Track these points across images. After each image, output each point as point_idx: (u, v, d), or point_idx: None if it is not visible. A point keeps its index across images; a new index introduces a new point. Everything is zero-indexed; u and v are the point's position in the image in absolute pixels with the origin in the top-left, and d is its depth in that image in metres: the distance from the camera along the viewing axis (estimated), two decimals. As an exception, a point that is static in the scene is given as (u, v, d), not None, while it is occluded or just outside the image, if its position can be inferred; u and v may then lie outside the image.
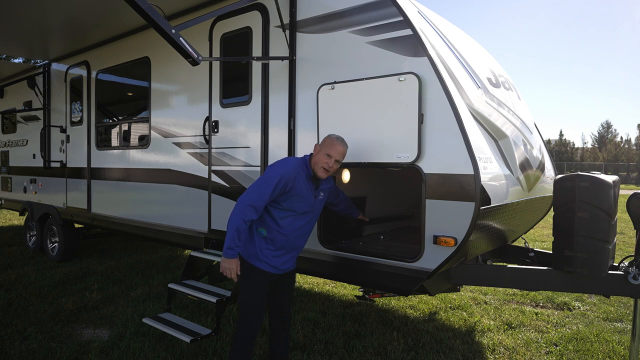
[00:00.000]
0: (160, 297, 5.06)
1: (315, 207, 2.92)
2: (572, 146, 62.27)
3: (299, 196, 2.78)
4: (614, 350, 3.84)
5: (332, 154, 2.80)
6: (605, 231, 2.90)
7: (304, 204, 2.82)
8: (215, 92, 4.36)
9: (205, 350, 3.69)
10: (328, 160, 2.80)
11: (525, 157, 3.71)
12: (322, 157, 2.81)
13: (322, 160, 2.80)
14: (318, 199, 2.92)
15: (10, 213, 12.52)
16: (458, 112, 2.82)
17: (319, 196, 2.92)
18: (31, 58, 12.16)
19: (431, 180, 2.92)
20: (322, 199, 2.97)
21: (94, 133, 6.11)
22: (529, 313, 4.76)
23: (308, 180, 2.84)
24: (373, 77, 3.17)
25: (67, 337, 4.01)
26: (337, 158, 2.83)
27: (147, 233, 5.28)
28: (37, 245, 7.44)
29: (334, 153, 2.81)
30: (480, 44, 4.58)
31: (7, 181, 8.56)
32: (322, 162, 2.80)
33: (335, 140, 2.86)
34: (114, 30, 5.52)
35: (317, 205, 2.94)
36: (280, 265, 2.88)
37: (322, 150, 2.83)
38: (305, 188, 2.80)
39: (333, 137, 2.88)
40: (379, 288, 3.56)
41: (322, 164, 2.80)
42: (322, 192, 2.96)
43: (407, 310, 4.81)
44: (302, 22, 3.66)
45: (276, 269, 2.87)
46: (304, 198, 2.80)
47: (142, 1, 2.89)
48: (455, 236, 2.82)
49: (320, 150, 2.85)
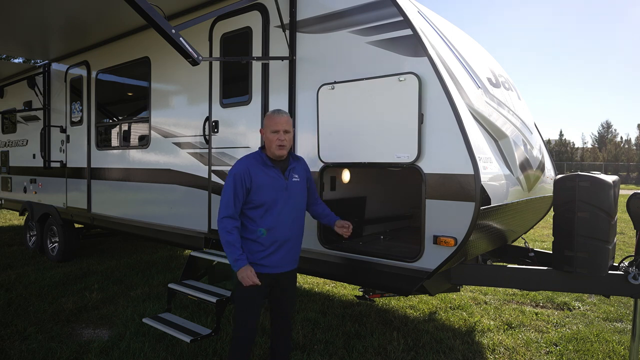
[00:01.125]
0: (160, 297, 5.06)
1: (290, 189, 2.80)
2: (572, 146, 62.29)
3: (264, 185, 2.72)
4: (614, 350, 3.84)
5: (277, 128, 2.73)
6: (605, 231, 2.90)
7: (273, 190, 2.74)
8: (215, 92, 4.36)
9: (205, 350, 3.69)
10: (277, 136, 2.74)
11: (525, 157, 3.71)
12: (270, 136, 2.75)
13: (272, 138, 2.75)
14: (292, 180, 2.82)
15: (10, 213, 12.52)
16: (458, 112, 2.82)
17: (292, 178, 2.82)
18: (31, 58, 12.16)
19: (431, 180, 2.92)
20: (299, 181, 2.86)
21: (94, 133, 6.11)
22: (529, 313, 4.76)
23: (267, 167, 2.77)
24: (373, 77, 3.17)
25: (67, 337, 4.01)
26: (283, 129, 2.75)
27: (147, 233, 5.28)
28: (37, 245, 7.44)
29: (278, 126, 2.74)
30: (481, 44, 4.58)
31: (7, 181, 8.56)
32: (273, 140, 2.74)
33: (272, 114, 2.80)
34: (114, 30, 5.52)
35: (293, 187, 2.82)
36: (276, 264, 2.79)
37: (267, 130, 2.78)
38: (266, 175, 2.75)
39: (269, 113, 2.82)
40: (379, 288, 3.56)
41: (274, 142, 2.74)
42: (297, 174, 2.86)
43: (407, 310, 4.81)
44: (302, 22, 3.67)
45: (272, 268, 2.78)
46: (270, 185, 2.74)
47: (142, 1, 2.89)
48: (455, 236, 2.82)
49: (265, 131, 2.80)
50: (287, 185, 2.79)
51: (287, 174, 2.82)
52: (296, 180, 2.85)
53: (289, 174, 2.82)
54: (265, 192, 2.73)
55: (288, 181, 2.81)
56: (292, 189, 2.82)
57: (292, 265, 2.92)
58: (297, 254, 2.94)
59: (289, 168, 2.84)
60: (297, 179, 2.86)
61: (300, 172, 2.90)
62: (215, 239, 4.40)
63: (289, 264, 2.88)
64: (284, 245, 2.81)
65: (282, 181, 2.78)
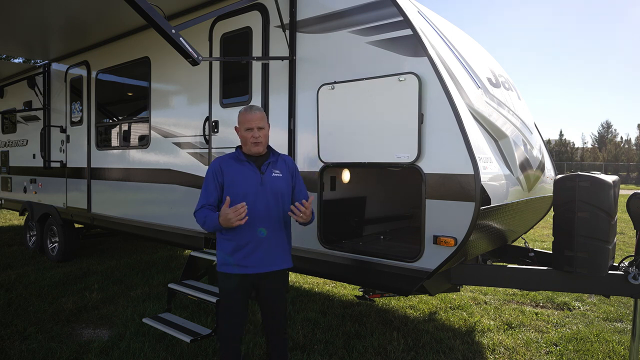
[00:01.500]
0: (160, 297, 5.06)
1: (268, 184, 2.70)
2: (572, 146, 62.29)
3: (236, 180, 2.69)
4: (614, 350, 3.84)
5: (251, 125, 2.69)
6: (605, 231, 2.90)
7: (246, 183, 2.68)
8: (215, 92, 4.36)
9: (205, 350, 3.69)
10: (252, 133, 2.69)
11: (525, 157, 3.71)
12: (245, 134, 2.71)
13: (247, 136, 2.70)
14: (270, 175, 2.72)
15: (10, 213, 12.52)
16: (458, 112, 2.83)
17: (270, 172, 2.73)
18: (31, 58, 12.16)
19: (431, 180, 2.92)
20: (280, 176, 2.75)
21: (94, 133, 6.11)
22: (529, 313, 4.76)
23: (241, 162, 2.73)
24: (373, 77, 3.17)
25: (67, 337, 4.01)
26: (257, 125, 2.69)
27: (147, 233, 5.28)
28: (37, 245, 7.44)
29: (252, 123, 2.69)
30: (480, 44, 4.58)
31: (7, 181, 8.56)
32: (248, 137, 2.70)
33: (245, 112, 2.73)
34: (114, 30, 5.53)
35: (272, 182, 2.71)
36: (255, 264, 2.67)
37: (241, 129, 2.74)
38: (239, 170, 2.71)
39: (242, 110, 2.76)
40: (379, 288, 3.56)
41: (249, 140, 2.70)
42: (277, 170, 2.76)
43: (407, 310, 4.81)
44: (302, 22, 3.67)
45: (251, 268, 2.67)
46: (243, 179, 2.69)
47: (142, 1, 2.89)
48: (455, 236, 2.82)
49: (240, 129, 2.75)
50: (262, 180, 2.70)
51: (263, 168, 2.73)
52: (276, 175, 2.75)
53: (266, 169, 2.74)
54: (238, 187, 2.68)
55: (265, 175, 2.71)
56: (270, 184, 2.71)
57: (276, 265, 2.74)
58: (282, 253, 2.77)
59: (267, 162, 2.76)
60: (278, 174, 2.76)
61: (282, 167, 2.80)
62: (215, 239, 4.39)
63: (272, 264, 2.72)
64: (262, 244, 2.68)
65: (257, 175, 2.70)
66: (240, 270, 2.68)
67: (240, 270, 2.68)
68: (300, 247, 3.63)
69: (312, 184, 3.56)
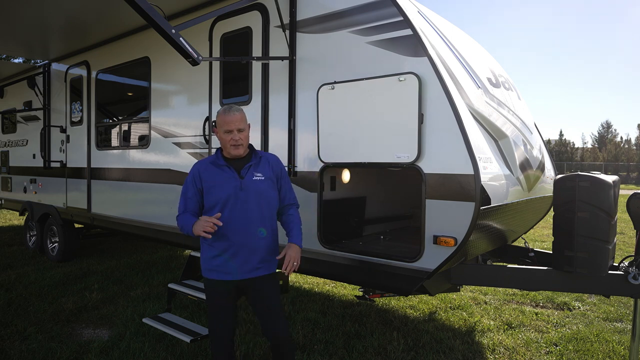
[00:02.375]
0: (160, 297, 5.06)
1: (249, 188, 2.59)
2: (572, 146, 62.29)
3: (214, 185, 2.60)
4: (614, 350, 3.84)
5: (230, 127, 2.58)
6: (605, 231, 2.90)
7: (224, 189, 2.58)
8: (215, 92, 4.36)
9: (205, 350, 3.69)
10: (231, 136, 2.59)
11: (525, 157, 3.71)
12: (224, 137, 2.61)
13: (226, 139, 2.60)
14: (250, 179, 2.62)
15: (10, 213, 12.52)
16: (458, 112, 2.83)
17: (251, 176, 2.63)
18: (31, 58, 12.15)
19: (431, 180, 2.92)
20: (262, 179, 2.64)
21: (94, 133, 6.11)
22: (529, 313, 4.76)
23: (219, 166, 2.64)
24: (373, 77, 3.17)
25: (67, 337, 4.01)
26: (237, 127, 2.58)
27: (147, 233, 5.28)
28: (37, 245, 7.44)
29: (231, 125, 2.58)
30: (480, 44, 4.58)
31: (7, 181, 8.56)
32: (227, 140, 2.60)
33: (224, 113, 2.61)
34: (114, 30, 5.52)
35: (253, 186, 2.61)
36: (235, 271, 2.59)
37: (220, 131, 2.62)
38: (217, 175, 2.62)
39: (221, 111, 2.64)
40: (379, 288, 3.56)
41: (228, 142, 2.60)
42: (259, 173, 2.65)
43: (407, 310, 4.81)
44: (302, 22, 3.67)
45: (233, 275, 2.60)
46: (221, 183, 2.60)
47: (142, 1, 2.90)
48: (455, 236, 2.82)
49: (218, 131, 2.64)
50: (242, 185, 2.60)
51: (243, 172, 2.63)
52: (258, 179, 2.64)
53: (246, 172, 2.63)
54: (217, 191, 2.59)
55: (245, 180, 2.61)
56: (250, 188, 2.60)
57: (259, 271, 2.65)
58: (266, 258, 2.66)
59: (247, 165, 2.65)
60: (260, 177, 2.65)
61: (264, 169, 2.69)
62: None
63: (255, 270, 2.63)
64: (242, 251, 2.59)
65: (236, 180, 2.60)
66: (220, 276, 2.62)
67: (220, 277, 2.62)
68: (300, 247, 3.63)
69: (312, 184, 3.57)
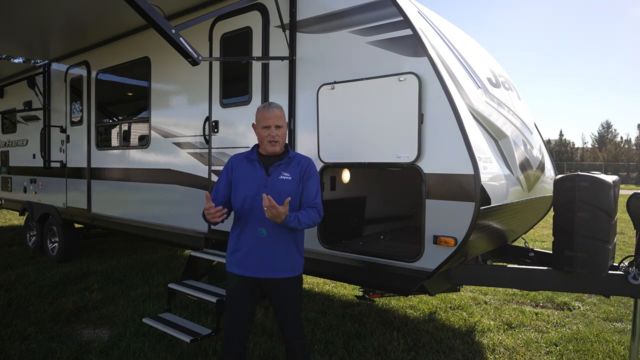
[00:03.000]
0: (160, 297, 5.06)
1: (272, 186, 2.57)
2: (572, 146, 62.28)
3: (241, 179, 2.64)
4: (614, 350, 3.84)
5: (268, 123, 2.59)
6: (605, 231, 2.90)
7: (249, 185, 2.61)
8: (215, 92, 4.36)
9: (205, 350, 3.69)
10: (269, 132, 2.60)
11: (525, 157, 3.71)
12: (262, 132, 2.63)
13: (263, 135, 2.62)
14: (275, 177, 2.60)
15: (10, 213, 12.52)
16: (458, 112, 2.83)
17: (278, 174, 2.60)
18: (31, 58, 12.15)
19: (431, 180, 2.92)
20: (288, 179, 2.60)
21: (94, 133, 6.11)
22: (529, 313, 4.76)
23: (251, 161, 2.67)
24: (373, 77, 3.17)
25: (67, 337, 4.01)
26: (275, 124, 2.59)
27: (147, 233, 5.28)
28: (37, 245, 7.44)
29: (269, 121, 2.59)
30: (480, 43, 4.58)
31: (7, 181, 8.56)
32: (264, 136, 2.61)
33: (263, 109, 2.64)
34: (114, 30, 5.53)
35: (277, 185, 2.58)
36: (252, 267, 2.59)
37: (258, 127, 2.65)
38: (246, 168, 2.66)
39: (260, 108, 2.68)
40: (379, 288, 3.57)
41: (265, 138, 2.61)
42: (287, 173, 2.62)
43: (407, 310, 4.81)
44: (302, 22, 3.67)
45: (250, 271, 2.59)
46: (247, 179, 2.63)
47: (142, 1, 2.90)
48: (455, 236, 2.82)
49: (257, 127, 2.67)
50: (267, 182, 2.59)
51: (271, 170, 2.62)
52: (285, 178, 2.61)
53: (274, 170, 2.62)
54: (242, 187, 2.63)
55: (270, 177, 2.60)
56: (274, 187, 2.57)
57: (276, 272, 2.60)
58: (284, 261, 2.61)
59: (277, 164, 2.63)
60: (287, 177, 2.61)
61: (294, 170, 2.65)
62: (215, 239, 4.40)
63: (270, 270, 2.59)
64: (259, 247, 2.58)
65: (262, 177, 2.61)
66: (239, 270, 2.64)
67: (238, 271, 2.64)
68: (300, 247, 3.63)
69: (312, 184, 3.56)
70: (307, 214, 2.57)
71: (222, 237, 4.29)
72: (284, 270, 2.62)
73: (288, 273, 2.63)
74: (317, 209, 2.63)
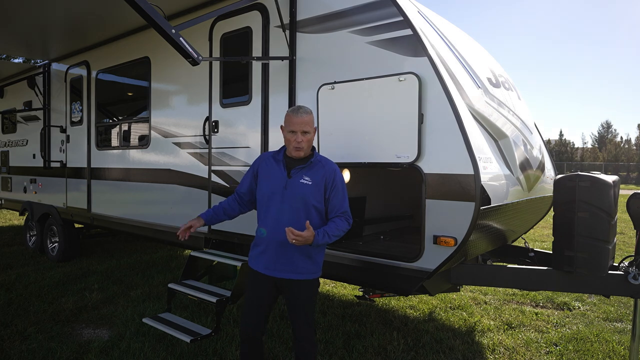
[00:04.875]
0: (160, 297, 5.06)
1: (292, 189, 2.59)
2: (572, 146, 62.24)
3: (264, 178, 2.71)
4: (614, 350, 3.84)
5: (295, 128, 2.58)
6: (605, 231, 2.90)
7: (270, 185, 2.66)
8: (215, 92, 4.36)
9: (205, 351, 3.69)
10: (295, 137, 2.60)
11: (525, 157, 3.71)
12: (288, 137, 2.63)
13: (290, 139, 2.62)
14: (298, 181, 2.61)
15: (10, 213, 12.52)
16: (458, 112, 2.83)
17: (299, 178, 2.61)
18: (31, 58, 12.16)
19: (431, 180, 2.92)
20: (309, 184, 2.61)
21: (94, 133, 6.11)
22: (529, 313, 4.76)
23: (277, 162, 2.70)
24: (373, 77, 3.17)
25: (67, 337, 4.01)
26: (302, 129, 2.58)
27: (147, 233, 5.28)
28: (37, 245, 7.44)
29: (296, 126, 2.58)
30: (480, 42, 4.58)
31: (7, 181, 8.56)
32: (291, 141, 2.62)
33: (291, 113, 2.62)
34: (114, 30, 5.52)
35: (296, 188, 2.60)
36: (266, 265, 2.64)
37: (285, 130, 2.66)
38: (272, 169, 2.70)
39: (289, 112, 2.66)
40: (379, 288, 3.56)
41: (291, 143, 2.62)
42: (308, 177, 2.62)
43: (407, 310, 4.81)
44: (302, 22, 3.67)
45: (265, 269, 2.65)
46: (268, 179, 2.68)
47: (142, 1, 2.90)
48: (455, 236, 2.82)
49: (284, 130, 2.67)
50: (287, 184, 2.61)
51: (292, 173, 2.64)
52: (305, 182, 2.61)
53: (295, 173, 2.63)
54: (263, 186, 2.71)
55: (291, 180, 2.62)
56: (294, 190, 2.60)
57: (290, 273, 2.62)
58: (299, 264, 2.62)
59: (299, 167, 2.65)
60: (308, 181, 2.61)
61: (316, 174, 2.63)
62: (215, 239, 4.40)
63: (286, 271, 2.62)
64: (274, 247, 2.62)
65: (283, 179, 2.63)
66: (255, 266, 2.74)
67: (255, 266, 2.74)
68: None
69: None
70: (336, 225, 2.60)
71: (222, 237, 4.29)
72: (299, 273, 2.64)
73: (305, 275, 2.65)
74: (345, 217, 2.68)
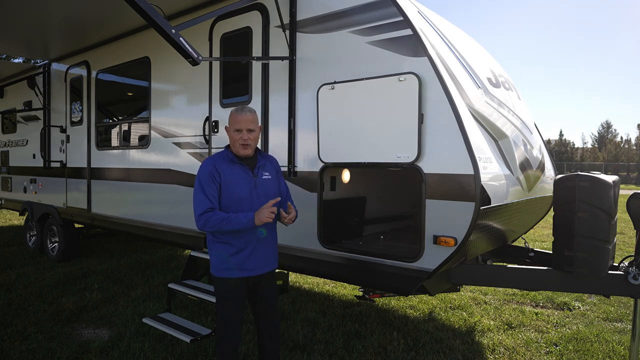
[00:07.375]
0: (160, 297, 5.06)
1: (260, 187, 2.72)
2: (572, 146, 62.21)
3: (231, 182, 2.66)
4: (614, 350, 3.84)
5: (241, 127, 2.66)
6: (605, 231, 2.90)
7: (241, 187, 2.67)
8: (215, 92, 4.36)
9: (205, 350, 3.69)
10: (240, 135, 2.67)
11: (525, 157, 3.71)
12: (233, 135, 2.69)
13: (235, 137, 2.68)
14: (262, 178, 2.75)
15: (10, 213, 12.52)
16: (458, 112, 2.83)
17: (261, 175, 2.75)
18: (31, 58, 12.16)
19: (431, 180, 2.92)
20: (270, 179, 2.78)
21: (94, 133, 6.11)
22: (529, 313, 4.76)
23: (233, 163, 2.71)
24: (373, 77, 3.17)
25: (67, 337, 4.01)
26: (247, 128, 2.67)
27: (147, 233, 5.28)
28: (37, 245, 7.44)
29: (241, 124, 2.66)
30: (480, 42, 4.58)
31: (7, 181, 8.57)
32: (236, 139, 2.68)
33: (236, 112, 2.71)
34: (114, 30, 5.53)
35: (263, 184, 2.74)
36: (254, 266, 2.70)
37: (230, 129, 2.71)
38: (233, 171, 2.68)
39: (233, 111, 2.73)
40: (379, 288, 3.56)
41: (237, 141, 2.68)
42: (267, 172, 2.79)
43: (407, 310, 4.81)
44: (302, 22, 3.67)
45: (251, 271, 2.70)
46: (238, 181, 2.67)
47: (142, 1, 2.90)
48: (455, 236, 2.82)
49: (229, 129, 2.72)
50: (256, 183, 2.72)
51: (256, 172, 2.75)
52: (267, 177, 2.78)
53: (258, 172, 2.75)
54: (233, 190, 2.66)
55: (257, 179, 2.73)
56: (262, 187, 2.74)
57: (270, 266, 2.84)
58: (274, 253, 2.86)
59: (258, 165, 2.77)
60: (268, 176, 2.79)
61: (270, 169, 2.83)
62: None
63: (267, 264, 2.80)
64: (259, 246, 2.72)
65: (251, 179, 2.72)
66: (241, 273, 2.69)
67: (241, 274, 2.69)
68: (300, 247, 3.64)
69: (312, 184, 3.57)
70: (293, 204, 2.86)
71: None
72: (274, 263, 2.89)
73: (276, 264, 2.92)
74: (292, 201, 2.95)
